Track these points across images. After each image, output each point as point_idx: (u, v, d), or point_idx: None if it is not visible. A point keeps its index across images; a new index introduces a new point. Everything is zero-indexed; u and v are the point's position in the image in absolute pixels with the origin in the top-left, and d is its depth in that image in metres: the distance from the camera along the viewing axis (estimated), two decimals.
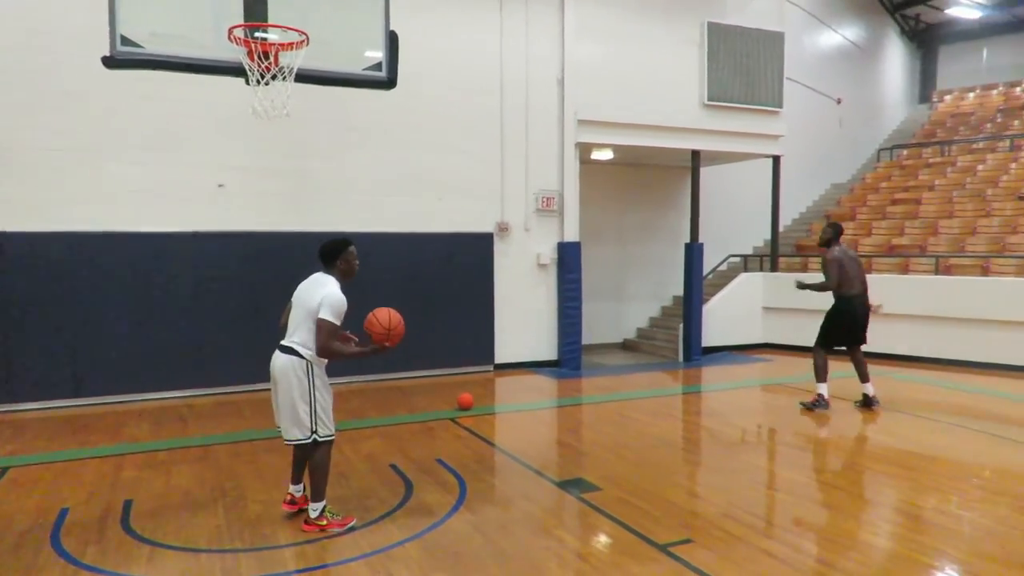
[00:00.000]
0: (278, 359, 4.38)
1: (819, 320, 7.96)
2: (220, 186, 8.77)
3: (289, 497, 4.75)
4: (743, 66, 11.64)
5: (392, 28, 5.93)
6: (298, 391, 4.30)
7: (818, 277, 7.80)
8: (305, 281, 4.50)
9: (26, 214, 7.94)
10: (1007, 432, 6.84)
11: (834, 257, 7.56)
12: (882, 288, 11.30)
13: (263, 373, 4.59)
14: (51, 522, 4.58)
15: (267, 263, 8.77)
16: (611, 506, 4.85)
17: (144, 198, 8.46)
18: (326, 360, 4.41)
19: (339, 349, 4.33)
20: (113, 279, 8.28)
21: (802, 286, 7.78)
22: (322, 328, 4.22)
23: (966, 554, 4.09)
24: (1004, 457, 6.10)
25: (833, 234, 7.72)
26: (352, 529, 4.43)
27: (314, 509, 4.44)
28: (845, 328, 7.74)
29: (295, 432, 4.36)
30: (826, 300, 7.85)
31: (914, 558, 4.03)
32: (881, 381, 9.40)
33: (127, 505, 4.92)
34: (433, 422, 7.39)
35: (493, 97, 10.22)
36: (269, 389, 4.52)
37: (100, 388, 8.25)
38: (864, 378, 7.93)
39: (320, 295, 4.28)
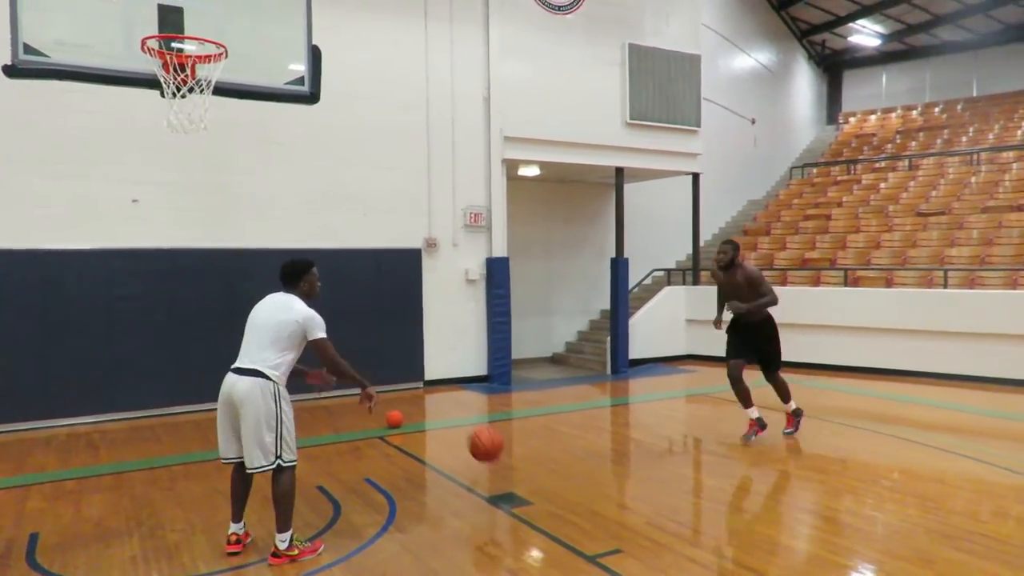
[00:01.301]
0: (240, 382, 4.12)
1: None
2: (134, 201, 8.41)
3: (233, 537, 4.33)
4: (663, 86, 12.02)
5: (315, 43, 5.85)
6: (264, 415, 4.09)
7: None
8: (264, 302, 4.36)
9: None
10: (914, 435, 7.24)
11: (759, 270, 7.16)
12: (796, 300, 11.84)
13: (180, 395, 4.41)
14: None
15: (185, 281, 8.44)
16: (541, 520, 4.87)
17: (50, 213, 8.03)
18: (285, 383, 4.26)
19: (347, 367, 4.31)
20: (17, 300, 7.81)
21: (739, 310, 7.01)
22: (326, 347, 4.25)
23: (880, 553, 4.30)
24: (912, 459, 6.45)
25: (735, 252, 7.15)
26: (319, 554, 4.27)
27: (282, 540, 4.18)
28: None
29: (258, 459, 4.10)
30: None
31: (832, 560, 4.21)
32: (796, 389, 9.81)
33: (33, 539, 4.61)
34: (361, 441, 7.26)
35: (420, 113, 10.20)
36: (190, 412, 4.36)
37: (2, 415, 7.74)
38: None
39: (294, 316, 4.21)
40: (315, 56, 5.66)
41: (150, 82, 5.15)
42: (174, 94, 5.05)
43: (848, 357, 11.39)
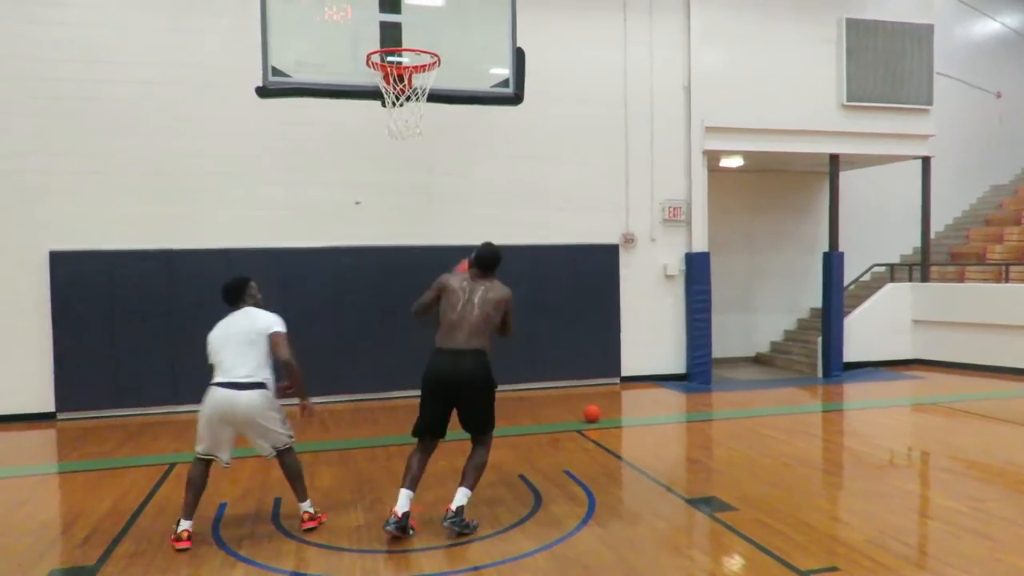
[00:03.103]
0: (242, 397, 4.39)
1: (977, 334, 7.23)
2: (357, 203, 9.26)
3: (185, 534, 4.40)
4: (886, 63, 10.93)
5: (519, 46, 6.04)
6: (273, 416, 4.57)
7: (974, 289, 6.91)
8: (224, 322, 4.67)
9: (188, 233, 8.75)
10: None
11: None
12: None
13: (393, 381, 4.78)
14: (212, 516, 4.97)
15: (395, 276, 9.13)
16: (746, 527, 4.65)
17: (282, 216, 9.07)
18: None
19: (295, 366, 4.57)
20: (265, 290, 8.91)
21: None
22: (283, 338, 4.57)
23: None
24: None
25: None
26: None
27: (309, 506, 4.75)
28: None
29: (275, 443, 4.63)
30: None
31: None
32: None
33: (276, 503, 5.26)
34: (560, 433, 7.40)
35: (617, 108, 10.16)
36: (403, 397, 4.76)
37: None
38: None
39: (263, 321, 4.62)
40: (519, 58, 5.83)
41: (373, 94, 5.61)
42: (394, 103, 5.46)
43: None
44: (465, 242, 9.38)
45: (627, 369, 10.32)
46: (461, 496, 4.54)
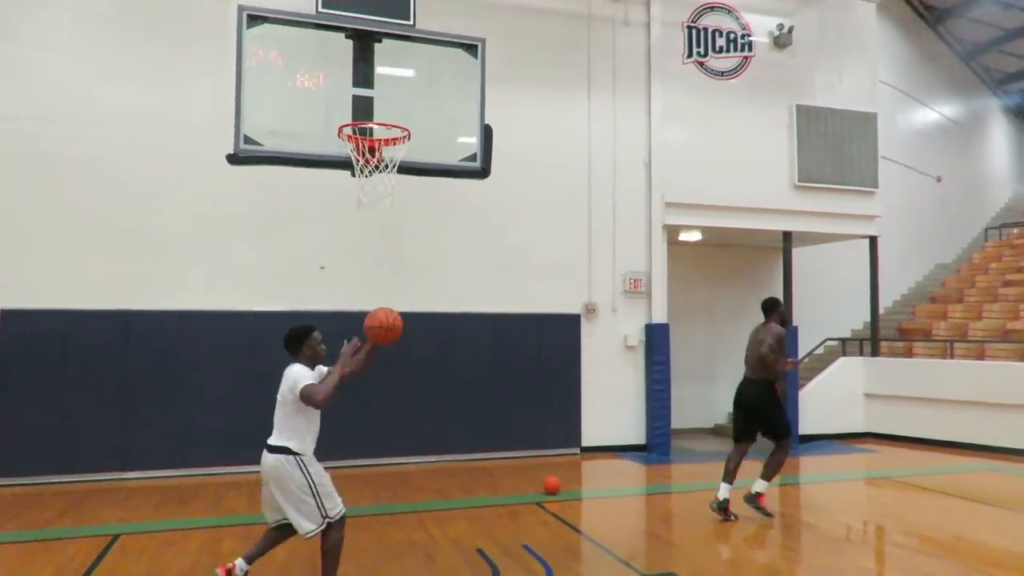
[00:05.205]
0: (267, 460, 4.37)
1: (926, 408, 7.49)
2: (322, 268, 9.27)
3: (232, 567, 4.44)
4: (835, 147, 11.51)
5: (487, 122, 6.26)
6: (297, 486, 4.28)
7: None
8: None
9: (148, 295, 8.63)
10: None
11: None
12: (997, 376, 10.60)
13: (359, 448, 4.72)
14: None
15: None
16: None
17: (250, 279, 9.03)
18: (312, 447, 4.44)
19: (329, 386, 4.30)
20: (216, 357, 8.77)
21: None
22: (312, 393, 4.24)
23: None
24: None
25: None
26: None
27: None
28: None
29: (307, 525, 4.29)
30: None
31: None
32: (989, 476, 8.74)
33: None
34: (519, 505, 7.31)
35: (582, 181, 10.47)
36: (365, 466, 4.65)
37: (201, 460, 8.62)
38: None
39: (289, 380, 4.38)
40: (487, 135, 6.03)
41: (344, 164, 5.73)
42: (364, 174, 5.58)
43: None
44: (431, 309, 9.47)
45: (587, 439, 10.31)
46: (759, 485, 6.71)
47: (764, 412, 6.87)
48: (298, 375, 4.37)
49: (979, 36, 17.38)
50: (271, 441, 4.38)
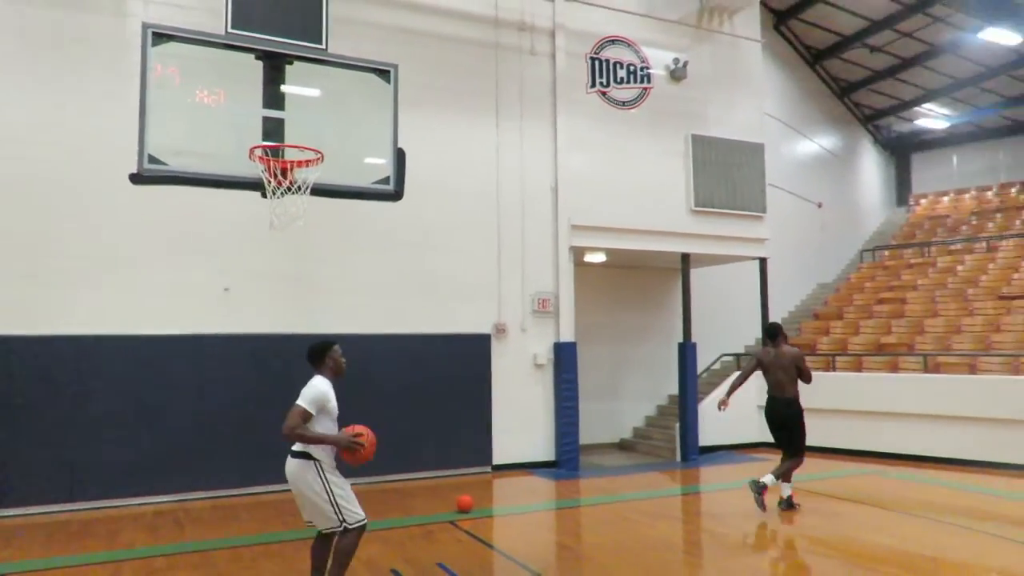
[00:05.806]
0: (288, 464, 4.63)
1: (813, 418, 8.09)
2: (226, 290, 9.02)
3: None
4: (727, 174, 12.26)
5: (400, 145, 6.35)
6: (315, 491, 4.53)
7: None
8: None
9: (35, 320, 8.14)
10: (1007, 532, 6.86)
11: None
12: (874, 387, 11.54)
13: (262, 475, 4.75)
14: None
15: (271, 365, 8.90)
16: None
17: (150, 302, 8.68)
18: (332, 456, 4.63)
19: (303, 432, 4.48)
20: (115, 382, 8.37)
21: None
22: (293, 412, 4.46)
23: None
24: (1007, 558, 6.10)
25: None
26: None
27: None
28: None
29: (325, 523, 4.60)
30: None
31: None
32: (871, 479, 9.45)
33: None
34: (432, 525, 7.34)
35: (491, 204, 10.69)
36: (268, 492, 4.73)
37: (95, 493, 8.18)
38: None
39: (304, 391, 4.62)
40: (400, 158, 6.12)
41: (254, 185, 5.67)
42: (276, 195, 5.55)
43: (928, 447, 10.90)
44: (340, 331, 9.37)
45: (498, 457, 10.43)
46: (768, 479, 7.57)
47: (792, 430, 7.74)
48: (308, 392, 4.58)
49: (851, 75, 19.01)
50: (294, 447, 4.59)
